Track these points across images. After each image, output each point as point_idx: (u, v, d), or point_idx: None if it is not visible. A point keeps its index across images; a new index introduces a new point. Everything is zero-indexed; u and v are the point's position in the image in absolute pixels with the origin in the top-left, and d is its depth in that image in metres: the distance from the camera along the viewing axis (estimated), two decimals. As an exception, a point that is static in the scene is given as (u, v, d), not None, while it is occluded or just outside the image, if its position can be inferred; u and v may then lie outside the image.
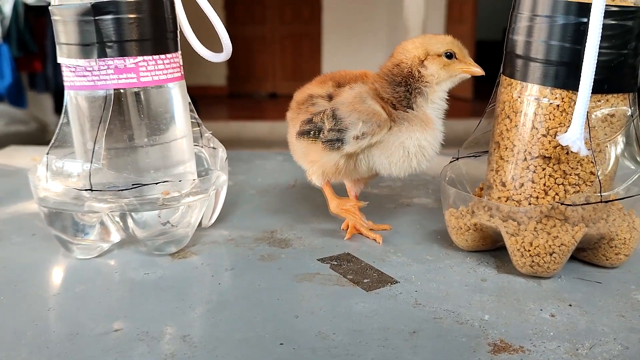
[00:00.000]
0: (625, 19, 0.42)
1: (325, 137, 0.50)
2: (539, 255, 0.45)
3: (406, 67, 0.51)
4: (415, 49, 0.51)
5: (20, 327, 0.40)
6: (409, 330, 0.39)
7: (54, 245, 0.52)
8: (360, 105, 0.49)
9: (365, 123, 0.48)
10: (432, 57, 0.50)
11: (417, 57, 0.50)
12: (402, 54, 0.51)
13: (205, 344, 0.37)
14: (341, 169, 0.51)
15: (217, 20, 0.52)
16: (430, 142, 0.50)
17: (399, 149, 0.50)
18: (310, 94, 0.53)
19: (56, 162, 0.50)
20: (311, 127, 0.51)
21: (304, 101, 0.53)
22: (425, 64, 0.50)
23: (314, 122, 0.51)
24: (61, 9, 0.48)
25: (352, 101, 0.49)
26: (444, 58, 0.50)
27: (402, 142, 0.50)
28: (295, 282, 0.46)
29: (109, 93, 0.48)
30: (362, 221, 0.54)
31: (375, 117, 0.48)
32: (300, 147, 0.53)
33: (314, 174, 0.53)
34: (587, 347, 0.37)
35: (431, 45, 0.50)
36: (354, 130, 0.49)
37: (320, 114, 0.51)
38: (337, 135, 0.49)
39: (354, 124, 0.49)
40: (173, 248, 0.51)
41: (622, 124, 0.45)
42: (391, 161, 0.50)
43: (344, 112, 0.49)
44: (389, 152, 0.50)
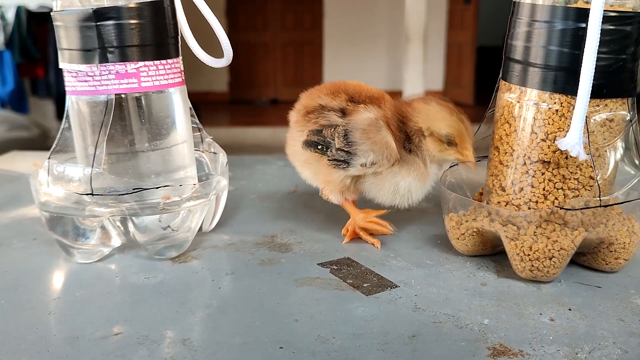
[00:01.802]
0: (624, 24, 0.42)
1: (332, 155, 0.50)
2: (538, 259, 0.45)
3: (410, 129, 0.50)
4: (422, 121, 0.49)
5: (21, 331, 0.40)
6: (409, 335, 0.39)
7: (54, 250, 0.52)
8: (375, 134, 0.48)
9: (376, 154, 0.48)
10: (432, 137, 0.49)
11: (419, 127, 0.50)
12: (412, 115, 0.50)
13: (205, 348, 0.37)
14: (348, 186, 0.52)
15: (217, 25, 0.53)
16: (419, 190, 0.51)
17: (391, 186, 0.50)
18: (322, 104, 0.52)
19: (57, 167, 0.51)
20: (319, 140, 0.50)
21: (314, 110, 0.52)
22: (426, 139, 0.50)
23: (324, 136, 0.50)
24: (63, 15, 0.48)
25: (367, 128, 0.48)
26: (443, 142, 0.49)
27: (397, 182, 0.50)
28: (295, 287, 0.46)
29: (110, 98, 0.48)
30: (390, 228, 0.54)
31: (387, 151, 0.48)
32: (303, 158, 0.53)
33: (330, 193, 0.53)
34: (586, 351, 0.37)
35: (436, 125, 0.49)
36: (364, 158, 0.48)
37: (331, 128, 0.50)
38: (345, 157, 0.49)
39: (365, 153, 0.48)
40: (173, 252, 0.52)
41: (621, 128, 0.45)
42: (379, 193, 0.51)
43: (357, 137, 0.48)
44: (381, 184, 0.50)
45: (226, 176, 0.57)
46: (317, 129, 0.51)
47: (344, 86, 0.53)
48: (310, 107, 0.53)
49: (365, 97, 0.51)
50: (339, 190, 0.52)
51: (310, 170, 0.54)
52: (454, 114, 0.49)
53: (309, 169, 0.54)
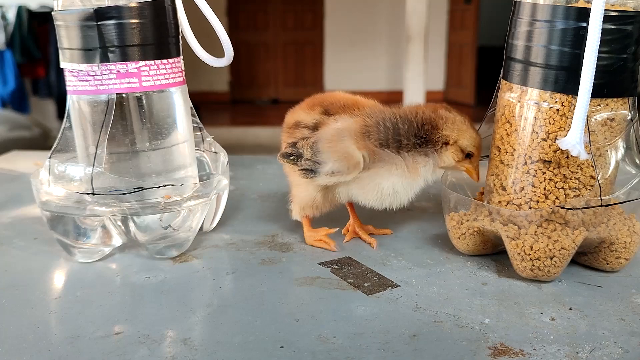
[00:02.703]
0: (625, 24, 0.42)
1: (301, 165, 0.51)
2: (539, 259, 0.45)
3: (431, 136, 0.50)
4: (451, 131, 0.50)
5: (21, 331, 0.40)
6: (410, 334, 0.39)
7: (55, 249, 0.53)
8: (336, 144, 0.49)
9: (336, 162, 0.49)
10: (455, 147, 0.50)
11: (446, 137, 0.50)
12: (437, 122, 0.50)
13: (206, 347, 0.37)
14: (318, 204, 0.53)
15: (218, 25, 0.53)
16: (405, 189, 0.51)
17: (374, 189, 0.50)
18: (298, 120, 0.53)
19: (58, 166, 0.51)
20: (293, 152, 0.52)
21: (292, 126, 0.54)
22: (448, 148, 0.50)
23: (297, 148, 0.51)
24: (64, 14, 0.48)
25: (330, 138, 0.50)
26: (463, 155, 0.51)
27: (378, 183, 0.50)
28: (296, 286, 0.46)
29: (111, 97, 0.48)
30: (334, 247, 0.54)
31: (346, 160, 0.49)
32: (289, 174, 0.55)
33: (293, 208, 0.55)
34: (587, 350, 0.37)
35: (464, 139, 0.50)
36: (327, 167, 0.49)
37: (304, 140, 0.51)
38: (312, 166, 0.50)
39: (326, 162, 0.49)
40: (174, 252, 0.52)
41: (621, 128, 0.45)
42: (366, 197, 0.51)
43: (321, 147, 0.49)
44: (365, 189, 0.51)
45: (227, 176, 0.57)
46: (293, 142, 0.52)
47: (320, 99, 0.54)
48: (290, 124, 0.54)
49: (338, 107, 0.52)
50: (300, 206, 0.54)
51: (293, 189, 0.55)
52: (475, 131, 0.51)
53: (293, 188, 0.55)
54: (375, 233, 0.57)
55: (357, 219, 0.57)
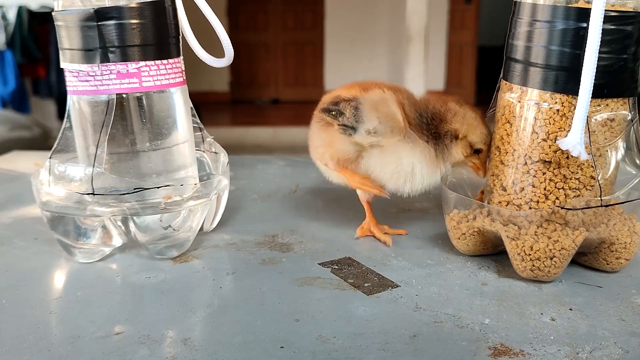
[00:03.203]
0: (625, 24, 0.42)
1: (342, 121, 0.51)
2: (539, 259, 0.45)
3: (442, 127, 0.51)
4: (461, 125, 0.51)
5: (22, 331, 0.40)
6: (410, 334, 0.39)
7: (56, 249, 0.53)
8: (382, 106, 0.50)
9: (381, 123, 0.49)
10: (464, 142, 0.51)
11: (456, 130, 0.51)
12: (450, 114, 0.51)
13: (206, 347, 0.37)
14: (351, 157, 0.53)
15: (218, 25, 0.53)
16: (422, 174, 0.51)
17: (394, 162, 0.51)
18: (338, 94, 0.54)
19: (59, 167, 0.51)
20: (334, 109, 0.52)
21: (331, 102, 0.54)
22: (457, 141, 0.51)
23: (338, 106, 0.52)
24: (64, 15, 0.48)
25: (376, 100, 0.50)
26: (472, 150, 0.51)
27: (400, 157, 0.50)
28: (296, 286, 0.46)
29: (111, 98, 0.48)
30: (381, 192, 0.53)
31: (392, 121, 0.49)
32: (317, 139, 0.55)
33: (330, 159, 0.54)
34: (587, 350, 0.37)
35: (474, 134, 0.51)
36: (369, 124, 0.49)
37: (346, 101, 0.51)
38: (353, 123, 0.50)
39: (371, 120, 0.49)
40: (174, 252, 0.52)
41: (622, 128, 0.45)
42: (384, 169, 0.51)
43: (365, 107, 0.50)
44: (385, 159, 0.51)
45: (227, 176, 0.57)
46: (335, 101, 0.52)
47: (359, 83, 0.55)
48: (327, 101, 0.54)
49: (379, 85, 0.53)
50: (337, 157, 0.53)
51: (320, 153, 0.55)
52: (486, 126, 0.51)
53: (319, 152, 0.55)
54: (390, 233, 0.57)
55: (373, 218, 0.57)
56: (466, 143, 0.51)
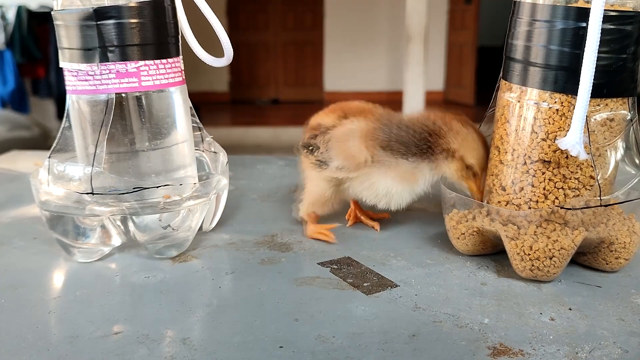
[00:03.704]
0: (624, 24, 0.42)
1: (316, 157, 0.54)
2: (538, 259, 0.45)
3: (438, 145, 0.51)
4: (459, 145, 0.51)
5: (21, 330, 0.40)
6: (409, 334, 0.39)
7: (55, 249, 0.52)
8: (344, 144, 0.52)
9: (343, 160, 0.52)
10: (459, 160, 0.51)
11: (452, 149, 0.51)
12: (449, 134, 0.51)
13: (205, 347, 0.37)
14: (328, 199, 0.56)
15: (218, 24, 0.53)
16: (400, 192, 0.53)
17: (370, 188, 0.53)
18: (320, 122, 0.56)
19: (58, 166, 0.51)
20: (312, 143, 0.55)
21: (313, 128, 0.57)
22: (452, 160, 0.51)
23: (316, 141, 0.54)
24: (63, 14, 0.48)
25: (340, 137, 0.53)
26: (466, 168, 0.51)
27: (373, 183, 0.53)
28: (295, 286, 0.46)
29: (110, 97, 0.48)
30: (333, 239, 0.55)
31: (350, 160, 0.52)
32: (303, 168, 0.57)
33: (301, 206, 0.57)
34: (586, 350, 0.37)
35: (470, 156, 0.51)
36: (336, 162, 0.52)
37: (322, 135, 0.54)
38: (325, 159, 0.53)
39: (337, 159, 0.52)
40: (174, 252, 0.52)
41: (621, 128, 0.45)
42: (363, 194, 0.54)
43: (332, 145, 0.53)
44: (362, 186, 0.53)
45: (226, 175, 0.57)
46: (313, 135, 0.55)
47: (341, 105, 0.57)
48: (312, 126, 0.57)
49: (355, 112, 0.55)
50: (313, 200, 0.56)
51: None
52: (485, 148, 0.51)
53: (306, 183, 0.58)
54: (374, 217, 0.60)
55: (358, 204, 0.60)
56: (462, 164, 0.51)
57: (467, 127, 0.52)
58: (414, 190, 0.53)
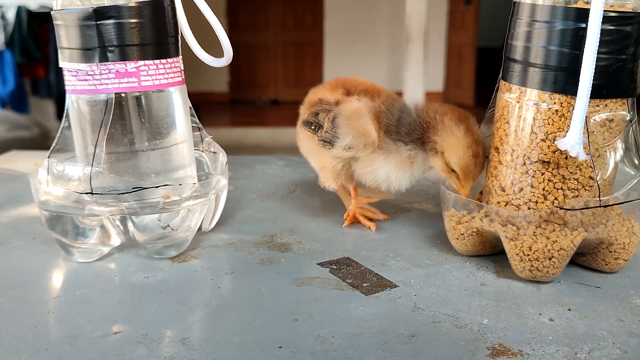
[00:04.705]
0: (624, 25, 0.42)
1: (321, 136, 0.54)
2: (538, 259, 0.45)
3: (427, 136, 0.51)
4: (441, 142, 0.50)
5: (20, 330, 0.40)
6: (408, 334, 0.39)
7: (54, 249, 0.52)
8: (355, 121, 0.52)
9: (353, 139, 0.52)
10: (441, 158, 0.51)
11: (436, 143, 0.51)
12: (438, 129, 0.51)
13: (205, 347, 0.37)
14: (339, 171, 0.55)
15: (217, 24, 0.53)
16: (399, 178, 0.53)
17: (371, 174, 0.54)
18: (321, 97, 0.56)
19: (57, 166, 0.51)
20: (314, 121, 0.55)
21: (314, 103, 0.57)
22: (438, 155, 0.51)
23: (318, 119, 0.54)
24: (63, 14, 0.48)
25: (349, 115, 0.53)
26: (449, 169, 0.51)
27: (375, 169, 0.53)
28: (295, 286, 0.46)
29: (110, 97, 0.48)
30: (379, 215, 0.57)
31: (363, 137, 0.52)
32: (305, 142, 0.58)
33: (326, 180, 0.57)
34: (585, 351, 0.37)
35: (450, 155, 0.50)
36: (344, 141, 0.52)
37: (325, 112, 0.54)
38: (330, 138, 0.53)
39: (344, 136, 0.52)
40: (173, 252, 0.52)
41: (620, 128, 0.45)
42: (365, 179, 0.55)
43: (340, 122, 0.53)
44: (364, 170, 0.54)
45: (226, 176, 0.57)
46: (315, 112, 0.55)
47: (343, 81, 0.57)
48: (312, 101, 0.58)
49: (360, 90, 0.55)
50: (332, 176, 0.56)
51: (313, 159, 0.59)
52: (472, 149, 0.50)
53: (313, 158, 0.58)
54: (373, 218, 0.60)
55: (358, 204, 0.60)
56: (443, 160, 0.51)
57: (459, 126, 0.50)
58: (413, 175, 0.54)
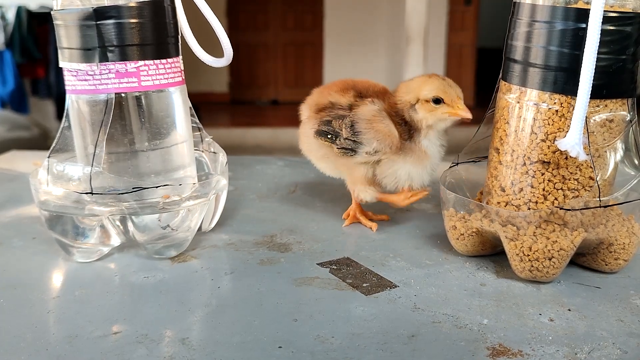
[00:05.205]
0: (624, 25, 0.42)
1: (340, 144, 0.53)
2: (538, 259, 0.45)
3: (401, 110, 0.53)
4: (407, 93, 0.53)
5: (20, 330, 0.40)
6: (408, 334, 0.39)
7: (54, 249, 0.52)
8: (378, 124, 0.52)
9: (379, 142, 0.52)
10: (421, 102, 0.53)
11: (408, 101, 0.53)
12: (399, 96, 0.54)
13: (204, 347, 0.37)
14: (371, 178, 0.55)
15: (217, 25, 0.53)
16: (420, 174, 0.54)
17: (392, 175, 0.54)
18: (332, 101, 0.55)
19: (57, 166, 0.51)
20: (329, 130, 0.54)
21: (324, 107, 0.56)
22: (416, 108, 0.53)
23: (333, 127, 0.54)
24: (63, 14, 0.48)
25: (371, 118, 0.52)
26: (432, 104, 0.52)
27: (395, 170, 0.54)
28: (295, 286, 0.46)
29: (110, 97, 0.48)
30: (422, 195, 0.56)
31: (389, 139, 0.52)
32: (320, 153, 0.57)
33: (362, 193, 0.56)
34: (585, 351, 0.37)
35: (421, 91, 0.52)
36: (369, 147, 0.52)
37: (339, 119, 0.53)
38: (352, 145, 0.53)
39: (369, 142, 0.52)
40: (173, 252, 0.52)
41: (620, 129, 0.45)
42: (385, 182, 0.55)
43: (362, 127, 0.52)
44: (384, 174, 0.54)
45: (226, 176, 0.57)
46: (327, 120, 0.54)
47: (352, 83, 0.57)
48: (321, 105, 0.56)
49: (372, 93, 0.55)
50: (366, 185, 0.55)
51: (326, 164, 0.58)
52: (436, 79, 0.53)
53: (326, 162, 0.58)
54: (374, 219, 0.60)
55: (359, 204, 0.59)
56: (422, 103, 0.52)
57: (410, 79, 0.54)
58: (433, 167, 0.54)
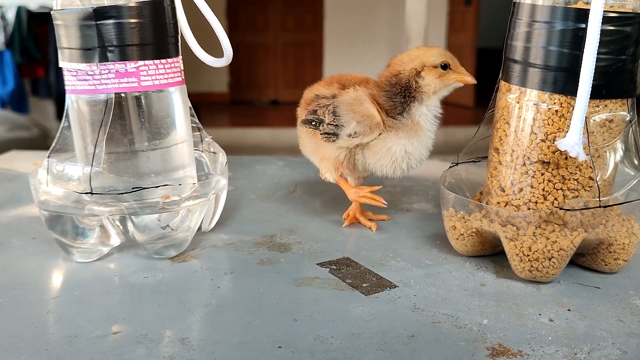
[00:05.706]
0: (624, 25, 0.42)
1: (323, 130, 0.54)
2: (537, 260, 0.45)
3: (404, 78, 0.54)
4: (411, 61, 0.54)
5: (19, 330, 0.40)
6: (408, 334, 0.39)
7: (54, 249, 0.52)
8: (357, 106, 0.53)
9: (358, 124, 0.53)
10: (428, 69, 0.54)
11: (414, 68, 0.54)
12: (400, 66, 0.55)
13: (204, 347, 0.37)
14: (342, 161, 0.56)
15: (217, 25, 0.53)
16: (416, 147, 0.54)
17: (387, 154, 0.54)
18: (317, 93, 0.58)
19: (57, 166, 0.50)
20: (314, 118, 0.55)
21: (311, 100, 0.58)
22: (422, 74, 0.54)
23: (317, 115, 0.55)
24: (63, 14, 0.48)
25: (351, 102, 0.54)
26: (440, 69, 0.53)
27: (390, 148, 0.54)
28: (294, 286, 0.46)
29: (109, 97, 0.48)
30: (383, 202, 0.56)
31: (368, 120, 0.53)
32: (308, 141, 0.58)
33: (327, 171, 0.58)
34: (585, 351, 0.37)
35: (427, 57, 0.54)
36: (348, 128, 0.53)
37: (323, 107, 0.55)
38: (334, 129, 0.54)
39: (349, 123, 0.53)
40: (173, 252, 0.52)
41: (620, 129, 0.45)
42: (382, 164, 0.55)
43: (342, 110, 0.54)
44: (378, 155, 0.54)
45: (226, 176, 0.57)
46: (313, 109, 0.56)
47: (337, 77, 0.59)
48: (308, 99, 0.58)
49: (353, 82, 0.57)
50: (333, 166, 0.57)
51: (315, 156, 0.59)
52: (438, 47, 0.55)
53: (315, 155, 0.59)
54: (374, 219, 0.60)
55: (359, 204, 0.60)
56: (429, 69, 0.53)
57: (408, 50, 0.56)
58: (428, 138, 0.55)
